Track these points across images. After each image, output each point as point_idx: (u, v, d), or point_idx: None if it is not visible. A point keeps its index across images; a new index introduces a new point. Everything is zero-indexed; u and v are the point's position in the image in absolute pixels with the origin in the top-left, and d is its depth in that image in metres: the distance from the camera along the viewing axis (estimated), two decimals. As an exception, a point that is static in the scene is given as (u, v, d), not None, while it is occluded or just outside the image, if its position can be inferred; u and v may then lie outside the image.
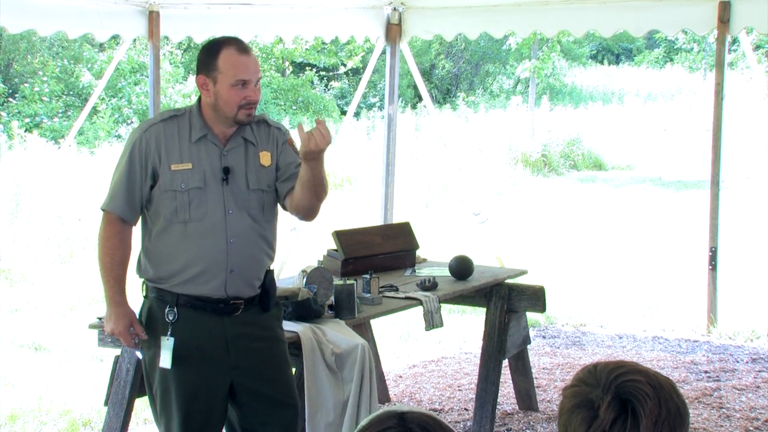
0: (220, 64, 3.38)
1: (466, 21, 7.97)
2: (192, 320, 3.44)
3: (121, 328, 3.45)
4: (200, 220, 3.41)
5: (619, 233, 12.41)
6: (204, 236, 3.41)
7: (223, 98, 3.39)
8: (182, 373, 3.44)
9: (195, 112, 3.48)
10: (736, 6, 7.03)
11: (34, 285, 9.16)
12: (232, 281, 3.44)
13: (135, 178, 3.43)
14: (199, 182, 3.41)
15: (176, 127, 3.45)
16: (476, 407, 5.17)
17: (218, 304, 3.45)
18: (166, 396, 3.49)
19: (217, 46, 3.42)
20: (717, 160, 7.27)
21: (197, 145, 3.44)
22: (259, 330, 3.54)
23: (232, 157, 3.47)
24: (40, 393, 5.90)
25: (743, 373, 6.33)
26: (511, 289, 5.26)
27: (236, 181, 3.45)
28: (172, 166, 3.40)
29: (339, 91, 24.55)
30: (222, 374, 3.47)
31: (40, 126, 17.23)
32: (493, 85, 29.57)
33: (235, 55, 3.38)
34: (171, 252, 3.43)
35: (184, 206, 3.40)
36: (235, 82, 3.37)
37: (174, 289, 3.44)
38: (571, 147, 20.10)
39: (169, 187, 3.41)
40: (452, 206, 14.37)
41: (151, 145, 3.41)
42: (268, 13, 7.54)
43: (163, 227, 3.44)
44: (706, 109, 14.71)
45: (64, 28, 6.78)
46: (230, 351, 3.47)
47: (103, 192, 3.57)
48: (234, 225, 3.43)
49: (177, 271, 3.43)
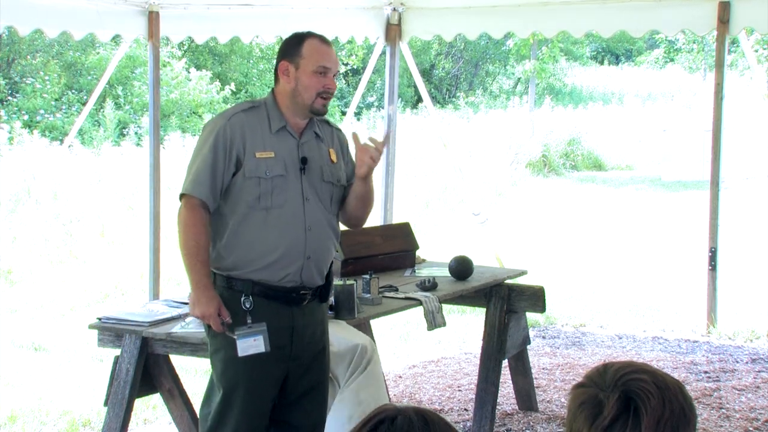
0: (304, 51, 3.51)
1: (465, 21, 7.96)
2: (265, 309, 3.50)
3: (213, 310, 3.47)
4: (281, 206, 3.51)
5: (618, 233, 12.41)
6: (285, 223, 3.50)
7: (304, 84, 3.51)
8: (252, 365, 3.48)
9: (271, 103, 3.59)
10: (736, 6, 7.03)
11: (34, 285, 9.16)
12: (308, 268, 3.54)
13: (219, 164, 3.48)
14: (282, 170, 3.51)
15: (256, 117, 3.55)
16: (476, 407, 5.17)
17: (291, 293, 3.53)
18: (232, 387, 3.52)
19: (301, 36, 3.57)
20: (717, 160, 7.27)
21: (277, 135, 3.55)
22: (316, 322, 3.64)
23: (308, 148, 3.59)
24: (40, 393, 5.90)
25: (743, 373, 6.33)
26: (510, 289, 5.25)
27: (312, 172, 3.57)
28: (256, 154, 3.49)
29: (338, 92, 24.55)
30: (283, 364, 3.55)
31: (41, 125, 17.23)
32: (493, 85, 29.57)
33: (319, 44, 3.54)
34: (252, 238, 3.50)
35: (267, 193, 3.49)
36: (317, 68, 3.50)
37: (250, 276, 3.50)
38: (571, 147, 20.11)
39: (254, 174, 3.49)
40: (452, 206, 14.37)
41: (236, 132, 3.50)
42: (268, 13, 7.55)
43: (243, 214, 3.50)
44: (706, 109, 14.71)
45: (68, 28, 6.78)
46: (293, 341, 3.55)
47: (104, 192, 3.58)
48: (311, 213, 3.55)
49: (256, 257, 3.49)
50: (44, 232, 10.47)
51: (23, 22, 6.40)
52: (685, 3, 7.23)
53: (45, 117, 17.60)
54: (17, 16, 6.26)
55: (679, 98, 27.18)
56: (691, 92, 27.92)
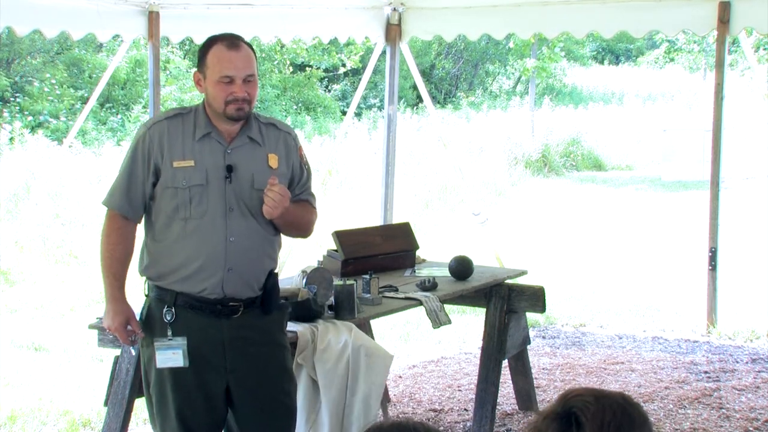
0: (208, 60, 3.41)
1: (466, 21, 7.96)
2: (190, 321, 3.43)
3: (117, 324, 3.46)
4: (200, 217, 3.41)
5: (618, 233, 12.41)
6: (203, 233, 3.41)
7: (211, 94, 3.42)
8: (179, 375, 3.43)
9: (200, 110, 3.50)
10: (736, 6, 7.03)
11: (33, 285, 9.16)
12: (230, 280, 3.42)
13: (137, 174, 3.44)
14: (201, 180, 3.41)
15: (181, 125, 3.46)
16: (476, 407, 5.17)
17: (216, 305, 3.43)
18: (163, 397, 3.48)
19: (209, 43, 3.46)
20: (717, 160, 7.27)
21: (201, 142, 3.44)
22: (259, 334, 3.50)
23: (237, 155, 3.46)
24: (40, 393, 5.90)
25: (743, 373, 6.33)
26: (510, 289, 5.25)
27: (240, 180, 3.44)
28: (174, 163, 3.41)
29: (340, 92, 24.56)
30: (218, 377, 3.45)
31: (43, 125, 17.22)
32: (493, 85, 29.57)
33: (224, 51, 3.39)
34: (171, 249, 3.43)
35: (185, 203, 3.40)
36: (219, 78, 3.38)
37: (173, 287, 3.43)
38: (571, 147, 20.10)
39: (170, 184, 3.41)
40: (452, 206, 14.37)
41: (155, 141, 3.42)
42: (268, 14, 7.55)
43: (164, 224, 3.44)
44: (706, 109, 14.71)
45: (67, 28, 6.78)
46: (227, 354, 3.45)
47: (104, 192, 3.58)
48: (235, 224, 3.42)
49: (176, 268, 3.42)
50: (44, 232, 10.47)
51: (22, 22, 6.39)
52: (685, 3, 7.23)
53: (50, 122, 17.58)
54: (16, 16, 6.25)
55: (679, 98, 27.21)
56: (691, 92, 27.95)
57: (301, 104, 22.72)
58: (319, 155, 14.53)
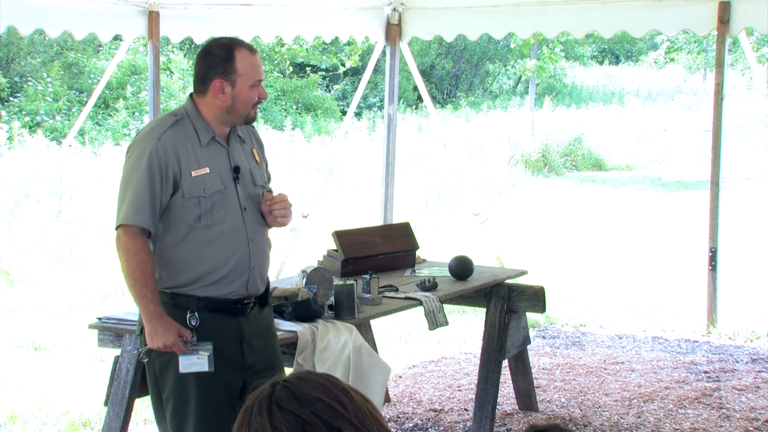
0: (239, 67, 3.40)
1: (466, 21, 7.96)
2: (212, 324, 3.44)
3: (174, 339, 3.36)
4: (222, 222, 3.43)
5: (618, 233, 12.41)
6: (228, 237, 3.44)
7: (242, 99, 3.42)
8: (203, 378, 3.41)
9: (194, 114, 3.45)
10: (736, 6, 7.03)
11: (33, 285, 9.16)
12: (253, 278, 3.51)
13: (156, 188, 3.35)
14: (219, 185, 3.42)
15: (183, 132, 3.42)
16: (476, 407, 5.17)
17: (236, 304, 3.48)
18: (183, 401, 3.45)
19: (229, 50, 3.42)
20: (717, 160, 7.27)
21: (208, 148, 3.44)
22: (263, 327, 3.60)
23: (236, 156, 3.52)
24: (40, 393, 5.90)
25: (743, 373, 6.33)
26: (511, 289, 5.26)
27: (244, 179, 3.51)
28: (192, 173, 3.39)
29: (340, 92, 24.56)
30: (237, 376, 3.48)
31: (42, 125, 17.22)
32: (493, 85, 29.57)
33: (250, 56, 3.44)
34: (196, 258, 3.41)
35: (208, 211, 3.40)
36: (254, 82, 3.43)
37: (196, 293, 3.42)
38: (571, 147, 20.10)
39: (193, 194, 3.38)
40: (452, 206, 14.37)
41: (169, 152, 3.36)
42: (268, 13, 7.55)
43: (184, 234, 3.41)
44: (706, 109, 14.73)
45: (68, 28, 6.78)
46: (244, 351, 3.50)
47: (106, 192, 3.57)
48: (250, 223, 3.50)
49: (202, 275, 3.42)
50: (44, 232, 10.47)
51: (24, 22, 6.40)
52: (685, 3, 7.23)
53: (46, 120, 17.57)
54: (18, 16, 6.26)
55: (679, 98, 27.19)
56: (691, 92, 27.95)
57: (301, 104, 22.72)
58: (319, 155, 14.54)
